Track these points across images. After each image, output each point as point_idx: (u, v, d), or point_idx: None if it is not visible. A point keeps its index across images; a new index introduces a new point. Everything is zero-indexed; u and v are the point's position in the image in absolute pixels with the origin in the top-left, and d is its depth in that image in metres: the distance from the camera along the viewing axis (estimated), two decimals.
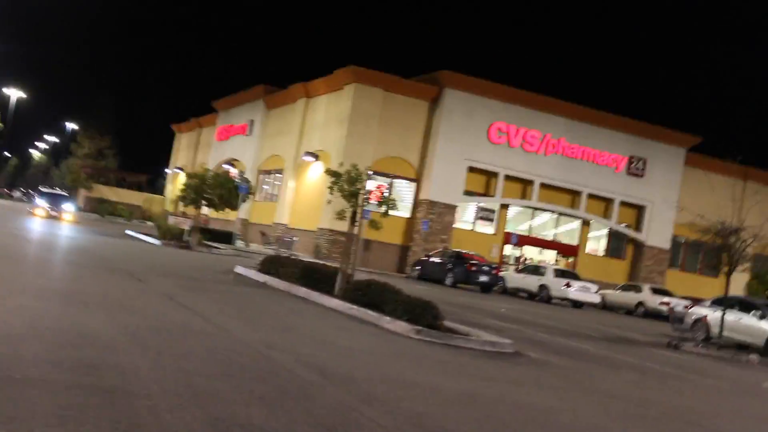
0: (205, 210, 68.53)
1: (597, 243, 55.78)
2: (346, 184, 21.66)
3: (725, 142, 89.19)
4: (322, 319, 16.76)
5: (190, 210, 42.72)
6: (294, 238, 46.26)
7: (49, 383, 7.39)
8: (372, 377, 10.44)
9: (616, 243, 55.54)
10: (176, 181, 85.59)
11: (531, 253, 53.28)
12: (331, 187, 21.90)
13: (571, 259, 53.45)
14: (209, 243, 40.69)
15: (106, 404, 6.95)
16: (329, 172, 21.98)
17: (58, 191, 57.88)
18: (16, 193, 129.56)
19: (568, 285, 41.12)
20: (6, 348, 8.63)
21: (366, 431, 7.56)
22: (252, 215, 59.68)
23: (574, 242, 54.47)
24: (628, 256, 55.99)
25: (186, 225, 41.47)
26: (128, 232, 45.99)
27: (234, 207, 38.92)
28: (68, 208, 49.45)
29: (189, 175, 37.44)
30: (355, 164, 22.51)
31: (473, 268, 41.06)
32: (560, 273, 42.61)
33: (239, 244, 47.55)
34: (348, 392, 9.18)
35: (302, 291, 21.75)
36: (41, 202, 50.35)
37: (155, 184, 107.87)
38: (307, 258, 25.18)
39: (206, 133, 79.18)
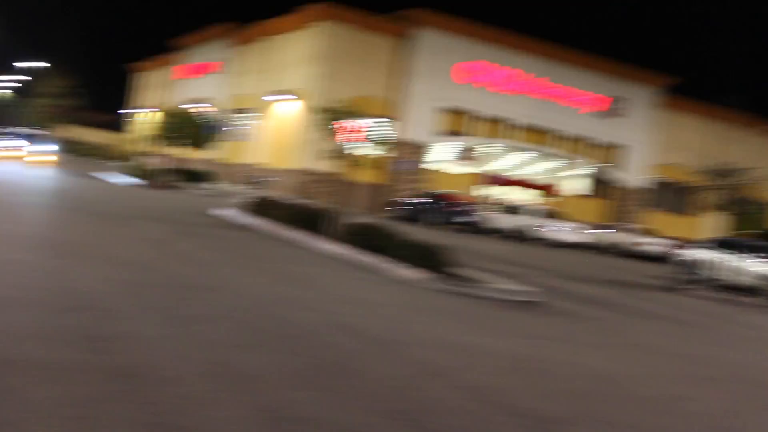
0: (177, 150, 66.40)
1: (575, 183, 54.46)
2: (332, 121, 20.11)
3: (705, 84, 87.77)
4: (324, 267, 15.21)
5: (164, 149, 40.63)
6: (271, 178, 44.42)
7: (51, 366, 5.73)
8: (410, 340, 8.97)
9: (595, 183, 54.24)
10: (143, 121, 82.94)
11: (506, 193, 51.88)
12: (317, 125, 20.27)
13: (549, 199, 52.17)
14: (186, 183, 38.84)
15: (130, 395, 5.35)
16: (317, 111, 20.31)
17: (37, 131, 46.99)
18: None
19: (548, 225, 39.98)
20: None
21: (456, 418, 6.06)
22: (225, 155, 57.50)
23: (552, 182, 53.13)
24: (606, 196, 54.87)
25: (161, 165, 39.44)
26: (100, 173, 43.85)
27: (209, 146, 36.92)
28: (50, 149, 41.31)
29: (166, 114, 35.32)
30: (341, 101, 21.00)
31: (453, 208, 39.66)
32: (540, 213, 41.36)
33: (216, 184, 45.71)
34: (399, 362, 7.70)
35: (294, 235, 20.19)
36: (15, 143, 41.63)
37: (120, 125, 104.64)
38: (288, 199, 23.63)
39: (168, 72, 76.22)
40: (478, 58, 49.18)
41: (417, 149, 48.10)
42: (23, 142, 40.50)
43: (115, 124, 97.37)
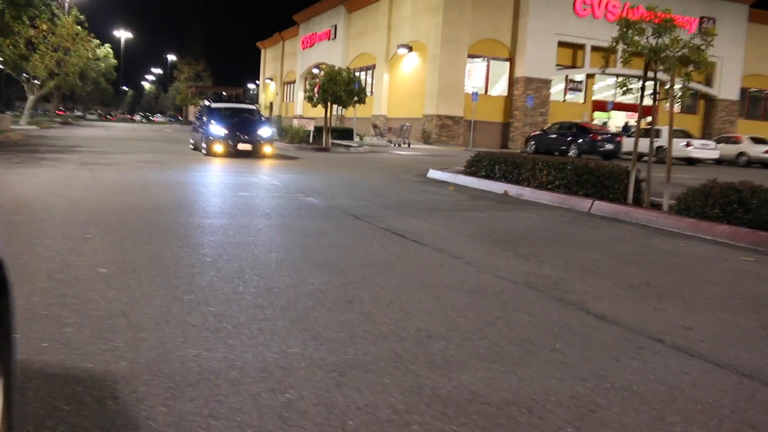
0: (298, 110, 56.73)
1: (672, 101, 43.43)
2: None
3: None
4: (725, 269, 5.62)
5: (309, 112, 31.18)
6: (407, 125, 34.69)
7: None
8: None
9: (690, 99, 43.27)
10: (267, 90, 73.97)
11: (618, 118, 41.26)
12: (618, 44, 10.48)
13: (649, 119, 41.43)
14: (338, 142, 29.62)
15: None
16: (623, 23, 10.37)
17: (243, 105, 22.44)
18: (137, 117, 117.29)
19: (688, 144, 29.96)
20: None
21: None
22: (347, 111, 47.63)
23: (652, 102, 42.29)
24: (700, 111, 43.93)
25: (309, 126, 30.10)
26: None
27: (362, 101, 27.33)
28: (265, 135, 19.31)
29: (325, 74, 25.85)
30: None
31: (599, 138, 29.67)
32: (677, 133, 31.23)
33: (361, 139, 36.51)
34: None
35: (589, 204, 10.67)
36: (216, 129, 18.69)
37: (246, 96, 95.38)
38: (526, 156, 13.97)
39: (289, 44, 66.23)
40: None
41: (539, 84, 37.79)
42: (218, 127, 18.93)
43: (244, 96, 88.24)
